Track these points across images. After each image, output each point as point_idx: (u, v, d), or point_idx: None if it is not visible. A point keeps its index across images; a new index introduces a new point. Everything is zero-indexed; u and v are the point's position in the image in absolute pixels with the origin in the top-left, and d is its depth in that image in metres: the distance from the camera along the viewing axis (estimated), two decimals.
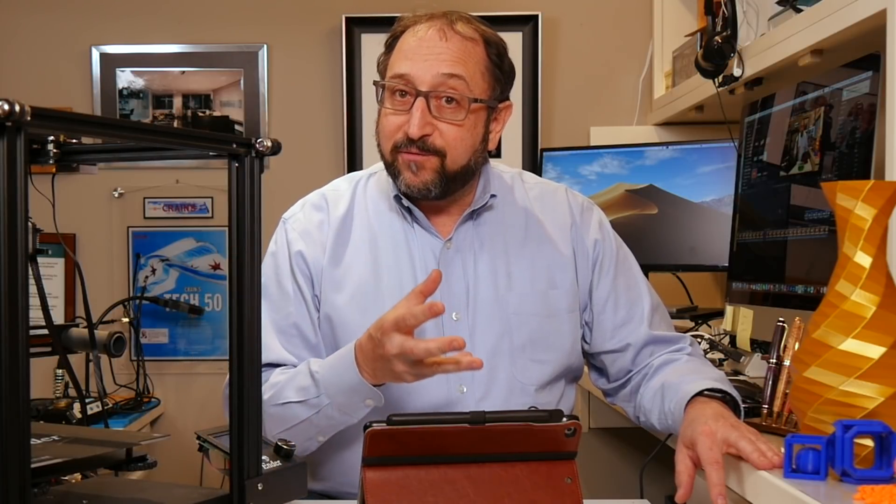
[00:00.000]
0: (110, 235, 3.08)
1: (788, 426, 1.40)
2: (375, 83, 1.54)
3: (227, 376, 1.38)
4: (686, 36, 2.67)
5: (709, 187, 2.57)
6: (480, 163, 1.57)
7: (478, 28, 1.52)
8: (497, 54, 1.53)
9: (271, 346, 1.52)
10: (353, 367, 1.38)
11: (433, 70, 1.47)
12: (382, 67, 1.55)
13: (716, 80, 2.20)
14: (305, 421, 1.43)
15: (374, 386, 1.39)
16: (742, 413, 1.43)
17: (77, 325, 1.27)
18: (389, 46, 1.55)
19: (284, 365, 1.53)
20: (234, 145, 0.98)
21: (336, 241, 1.57)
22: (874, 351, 1.12)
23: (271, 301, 1.55)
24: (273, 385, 1.48)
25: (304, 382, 1.44)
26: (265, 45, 3.07)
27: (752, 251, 2.04)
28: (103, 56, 3.06)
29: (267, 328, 1.52)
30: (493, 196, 1.60)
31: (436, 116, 1.48)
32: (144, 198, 3.07)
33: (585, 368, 1.71)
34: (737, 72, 2.14)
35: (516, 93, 2.97)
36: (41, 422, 2.32)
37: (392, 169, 1.52)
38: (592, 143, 3.01)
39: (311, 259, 1.56)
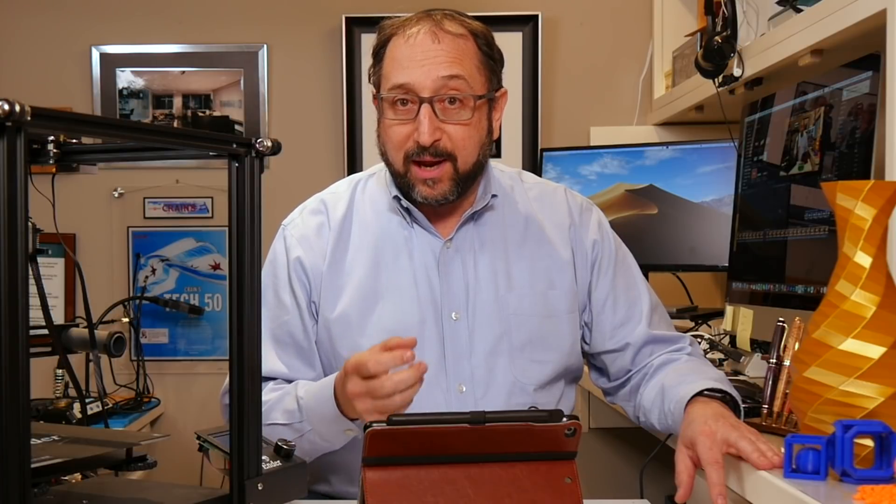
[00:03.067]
0: (110, 235, 3.07)
1: (788, 426, 1.40)
2: (374, 96, 1.54)
3: (225, 382, 1.39)
4: (686, 36, 2.67)
5: (709, 187, 2.57)
6: (488, 156, 1.57)
7: (463, 22, 1.52)
8: (486, 44, 1.53)
9: (266, 356, 1.51)
10: (332, 400, 1.38)
11: (432, 74, 1.46)
12: (376, 79, 1.54)
13: (716, 80, 2.20)
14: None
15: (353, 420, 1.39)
16: (742, 413, 1.43)
17: (77, 325, 1.27)
18: (378, 55, 1.53)
19: (276, 378, 1.53)
20: (234, 145, 0.98)
21: (336, 244, 1.57)
22: (874, 351, 1.12)
23: (268, 308, 1.54)
24: (263, 403, 1.47)
25: (290, 406, 1.44)
26: (265, 45, 3.07)
27: (752, 251, 2.04)
28: (103, 56, 3.06)
29: (263, 337, 1.51)
30: (493, 196, 1.60)
31: (443, 120, 1.48)
32: (144, 198, 3.07)
33: (585, 369, 1.71)
34: (737, 72, 2.14)
35: (516, 93, 2.97)
36: (41, 422, 2.32)
37: (405, 180, 1.51)
38: (592, 143, 3.01)
39: (309, 265, 1.56)
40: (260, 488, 1.00)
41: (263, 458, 1.03)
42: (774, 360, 1.46)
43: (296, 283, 1.56)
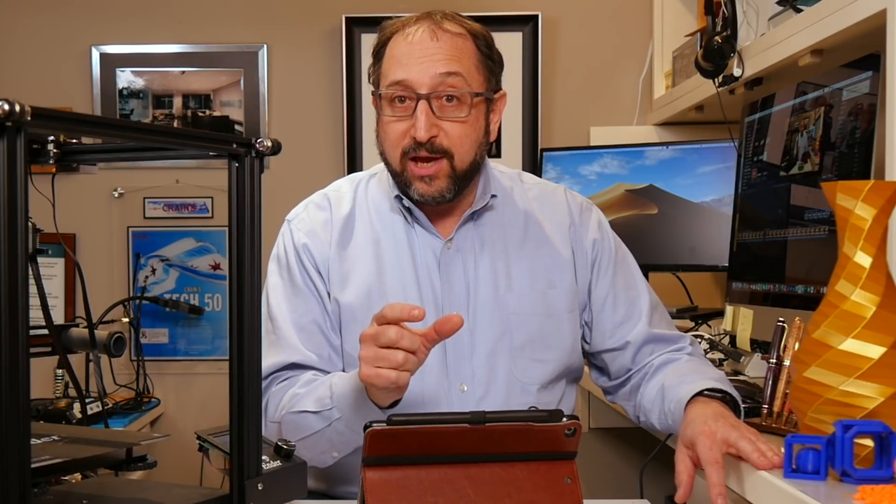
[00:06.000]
0: (110, 235, 3.08)
1: (788, 426, 1.40)
2: (373, 94, 1.54)
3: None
4: (686, 36, 2.67)
5: (709, 187, 2.57)
6: (486, 157, 1.57)
7: (463, 23, 1.53)
8: (486, 45, 1.54)
9: (295, 345, 1.51)
10: (362, 386, 1.36)
11: (430, 71, 1.47)
12: (375, 77, 1.55)
13: (716, 80, 2.20)
14: (318, 433, 1.42)
15: (382, 409, 1.37)
16: (742, 413, 1.43)
17: (77, 325, 1.27)
18: (378, 55, 1.54)
19: (307, 365, 1.52)
20: (234, 145, 0.98)
21: (340, 241, 1.57)
22: (874, 351, 1.12)
23: (288, 300, 1.55)
24: (294, 395, 1.47)
25: (322, 393, 1.43)
26: (265, 45, 3.07)
27: (752, 251, 2.04)
28: (103, 56, 3.06)
29: (288, 327, 1.52)
30: (493, 196, 1.60)
31: (439, 117, 1.48)
32: (144, 198, 3.07)
33: (586, 369, 1.71)
34: (737, 72, 2.14)
35: (516, 93, 2.97)
36: (41, 422, 2.32)
37: (401, 178, 1.52)
38: (592, 143, 3.01)
39: (317, 254, 1.56)
40: (260, 488, 1.00)
41: (263, 458, 1.03)
42: (774, 360, 1.46)
43: (310, 270, 1.55)
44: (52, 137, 1.08)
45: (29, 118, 0.76)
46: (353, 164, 3.00)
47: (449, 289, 1.55)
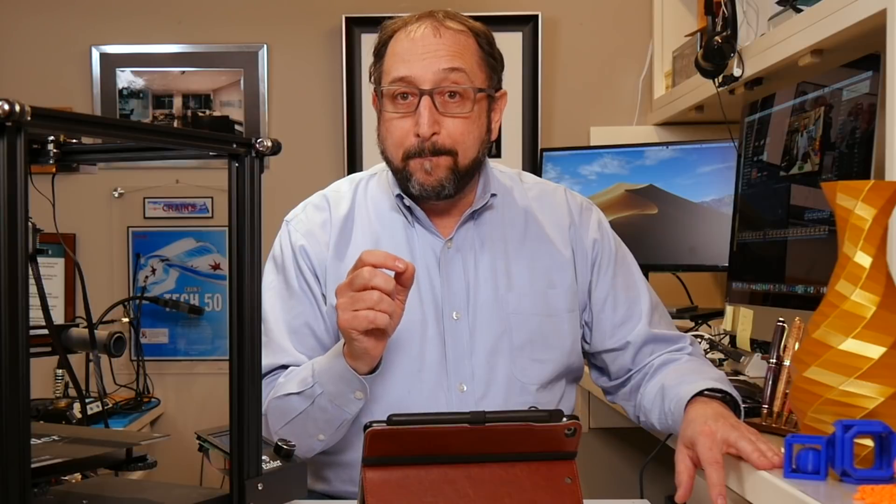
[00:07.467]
0: (110, 235, 3.08)
1: (788, 426, 1.40)
2: (375, 91, 1.54)
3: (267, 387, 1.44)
4: (686, 36, 2.67)
5: (709, 187, 2.57)
6: (486, 155, 1.58)
7: (465, 21, 1.54)
8: (488, 43, 1.55)
9: (286, 347, 1.52)
10: (341, 355, 1.39)
11: (433, 67, 1.47)
12: (377, 75, 1.55)
13: (716, 80, 2.20)
14: (302, 414, 1.43)
15: (362, 377, 1.40)
16: (742, 413, 1.43)
17: (77, 325, 1.27)
18: (379, 53, 1.55)
19: (297, 367, 1.53)
20: (234, 145, 0.98)
21: (339, 241, 1.57)
22: (874, 351, 1.12)
23: (282, 301, 1.55)
24: (279, 383, 1.49)
25: (304, 375, 1.45)
26: (265, 45, 3.07)
27: (752, 251, 2.04)
28: (103, 56, 3.06)
29: (280, 329, 1.53)
30: (493, 196, 1.60)
31: (442, 113, 1.48)
32: (144, 198, 3.07)
33: (586, 369, 1.71)
34: (737, 72, 2.14)
35: (516, 93, 2.97)
36: (41, 422, 2.32)
37: (403, 173, 1.52)
38: (592, 143, 3.01)
39: (315, 256, 1.56)
40: (260, 488, 1.00)
41: (263, 458, 1.03)
42: (774, 360, 1.46)
43: (306, 272, 1.56)
44: (52, 137, 1.08)
45: (29, 118, 0.76)
46: (353, 164, 3.00)
47: (449, 288, 1.55)
